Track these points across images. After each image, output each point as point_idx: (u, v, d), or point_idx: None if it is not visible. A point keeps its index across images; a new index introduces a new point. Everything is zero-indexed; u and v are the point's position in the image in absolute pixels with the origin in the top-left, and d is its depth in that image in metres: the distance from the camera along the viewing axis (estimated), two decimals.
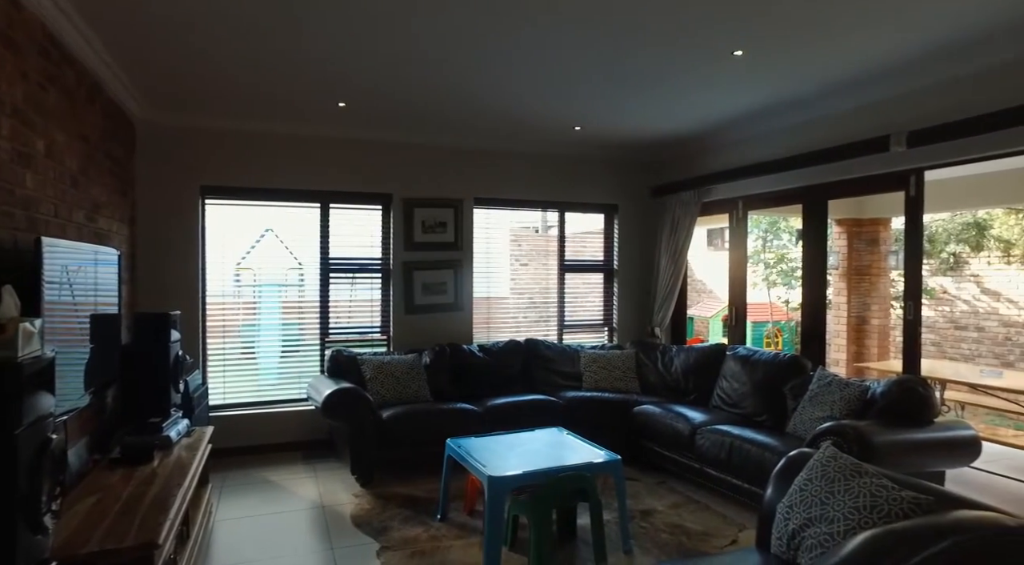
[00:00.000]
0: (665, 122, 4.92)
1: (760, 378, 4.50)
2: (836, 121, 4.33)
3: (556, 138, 5.47)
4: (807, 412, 3.89)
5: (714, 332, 11.28)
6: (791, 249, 9.79)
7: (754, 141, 5.03)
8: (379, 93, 4.15)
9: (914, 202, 4.00)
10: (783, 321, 10.28)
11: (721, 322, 11.24)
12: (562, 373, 5.44)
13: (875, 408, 3.57)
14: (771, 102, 4.31)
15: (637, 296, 6.29)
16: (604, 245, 6.35)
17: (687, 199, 5.66)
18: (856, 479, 2.27)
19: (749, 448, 3.72)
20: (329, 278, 5.38)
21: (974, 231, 8.35)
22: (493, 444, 3.63)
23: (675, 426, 4.34)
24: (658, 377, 5.33)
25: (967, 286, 8.61)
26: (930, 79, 3.68)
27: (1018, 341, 7.91)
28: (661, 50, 3.36)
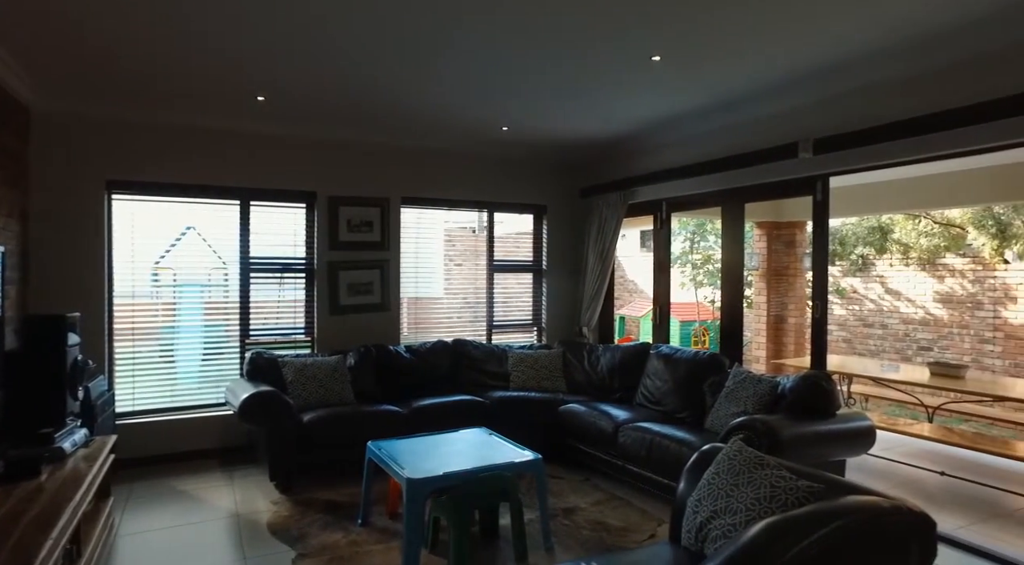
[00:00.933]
0: (591, 125, 5.00)
1: (681, 376, 4.64)
2: (751, 127, 4.51)
3: (485, 138, 5.46)
4: (723, 408, 4.03)
5: (645, 332, 11.55)
6: (717, 250, 10.15)
7: (677, 145, 5.18)
8: (300, 88, 4.03)
9: (821, 206, 4.21)
10: (710, 320, 10.65)
11: (651, 322, 11.54)
12: (490, 373, 5.44)
13: (784, 403, 3.73)
14: (691, 107, 4.44)
15: (566, 296, 6.36)
16: (533, 245, 6.40)
17: (614, 200, 5.77)
18: (759, 471, 2.36)
19: (668, 444, 3.82)
20: (250, 278, 5.18)
21: (878, 235, 8.90)
22: (415, 446, 3.58)
23: (598, 424, 4.41)
24: (585, 376, 5.41)
25: (873, 286, 9.16)
26: (835, 90, 3.89)
27: (915, 337, 8.48)
28: (581, 54, 3.40)
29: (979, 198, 6.39)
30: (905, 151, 3.59)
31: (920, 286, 8.57)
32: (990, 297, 7.70)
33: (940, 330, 8.28)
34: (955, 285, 8.20)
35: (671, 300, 11.27)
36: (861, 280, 9.30)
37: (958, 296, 8.13)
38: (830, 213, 7.98)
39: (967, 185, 5.93)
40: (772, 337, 7.83)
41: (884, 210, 7.77)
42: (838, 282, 9.50)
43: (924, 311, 8.49)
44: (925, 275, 8.49)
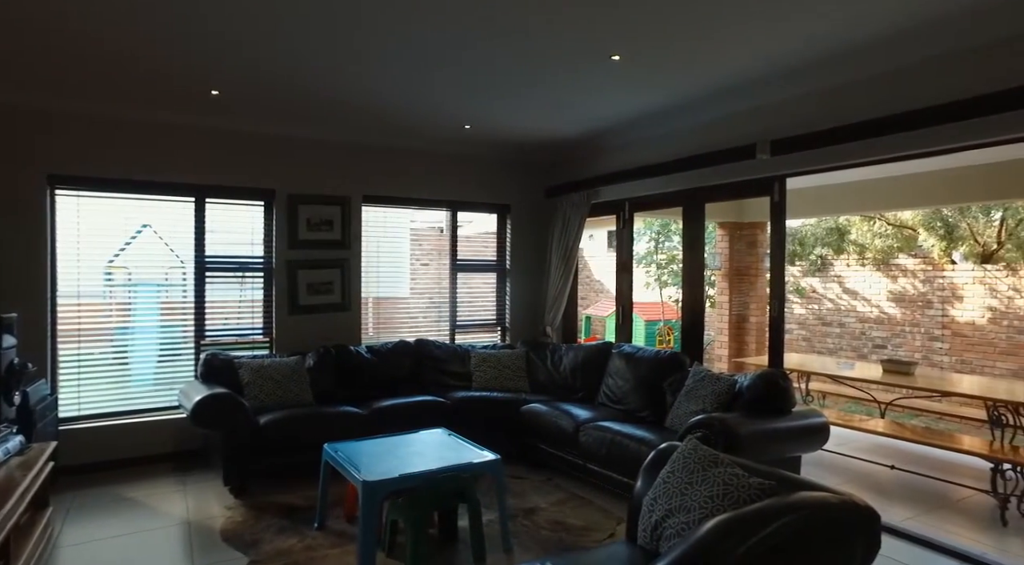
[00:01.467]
0: (554, 124, 4.99)
1: (643, 375, 4.66)
2: (711, 128, 4.56)
3: (447, 136, 5.41)
4: (683, 406, 4.06)
5: (610, 331, 11.63)
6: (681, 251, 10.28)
7: (639, 145, 5.21)
8: (255, 83, 3.92)
9: (778, 207, 4.28)
10: (674, 320, 10.77)
11: (615, 321, 11.63)
12: (452, 373, 5.39)
13: (742, 401, 3.78)
14: (652, 108, 4.46)
15: (530, 295, 6.35)
16: (497, 245, 6.37)
17: (577, 200, 5.78)
18: (712, 469, 2.37)
19: (627, 443, 3.83)
20: (205, 277, 5.03)
21: (836, 236, 9.11)
22: (372, 447, 3.52)
23: (560, 424, 4.41)
24: (547, 376, 5.40)
25: (832, 286, 9.38)
26: (792, 92, 3.95)
27: (871, 335, 8.71)
28: (541, 52, 3.39)
29: (929, 200, 6.59)
30: (860, 153, 3.66)
31: (875, 286, 8.80)
32: (939, 296, 7.95)
33: (894, 328, 8.51)
34: (907, 285, 8.44)
35: (636, 300, 11.39)
36: (820, 280, 9.51)
37: (910, 295, 8.37)
38: (790, 214, 8.16)
39: (918, 188, 6.10)
40: (734, 336, 7.96)
41: (841, 211, 7.96)
42: (798, 282, 9.70)
43: (879, 310, 8.73)
44: (880, 275, 8.72)
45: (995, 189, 5.56)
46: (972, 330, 7.60)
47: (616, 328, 5.77)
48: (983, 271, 7.61)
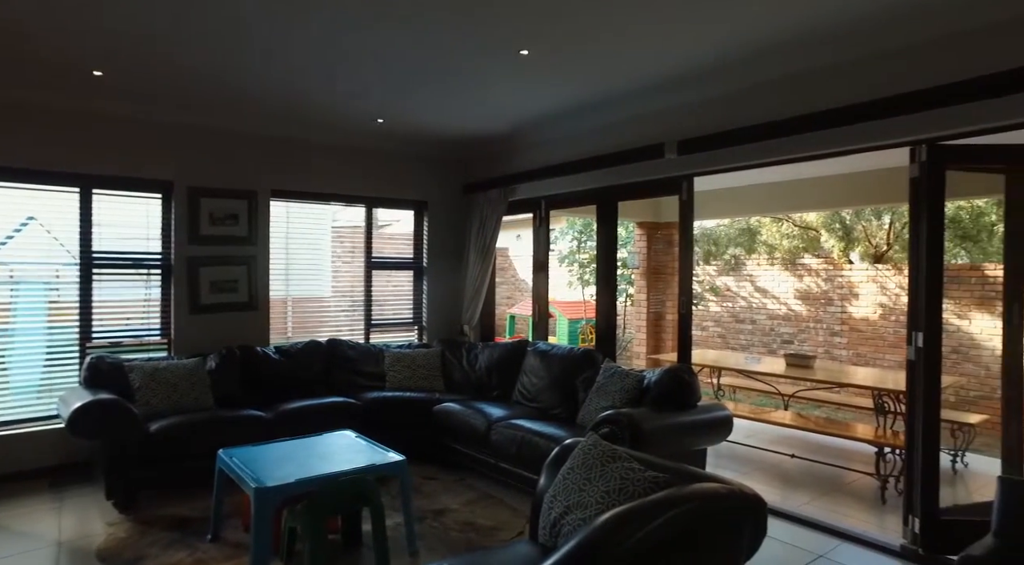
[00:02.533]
0: (469, 121, 4.93)
1: (556, 372, 4.67)
2: (622, 127, 4.62)
3: (360, 130, 5.25)
4: (594, 403, 4.08)
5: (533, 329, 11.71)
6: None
7: (554, 143, 5.22)
8: (144, 66, 3.66)
9: (686, 206, 4.38)
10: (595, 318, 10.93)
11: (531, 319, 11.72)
12: (366, 374, 5.23)
13: (650, 396, 3.84)
14: (565, 106, 4.48)
15: (448, 294, 6.26)
16: (414, 242, 6.25)
17: (495, 197, 5.75)
18: (610, 464, 2.37)
19: (537, 441, 3.81)
20: (92, 274, 4.66)
21: (747, 236, 9.51)
22: (270, 452, 3.34)
23: (472, 423, 4.35)
24: (463, 375, 5.34)
25: (745, 284, 9.78)
26: (698, 94, 4.04)
27: (779, 331, 9.14)
28: (450, 45, 3.32)
29: (828, 203, 6.97)
30: (759, 154, 3.80)
31: (783, 284, 9.23)
32: (838, 294, 8.43)
33: (800, 324, 8.96)
34: (812, 283, 8.90)
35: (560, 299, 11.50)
36: (734, 279, 9.89)
37: (814, 293, 8.83)
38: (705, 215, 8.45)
39: (819, 191, 6.44)
40: (652, 333, 8.15)
41: (752, 212, 8.30)
42: (714, 281, 10.06)
43: (787, 307, 9.16)
44: (787, 274, 9.15)
45: (883, 194, 5.95)
46: (866, 325, 8.10)
47: (533, 326, 5.77)
48: (875, 270, 8.12)
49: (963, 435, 5.08)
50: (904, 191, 3.35)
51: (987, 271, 7.20)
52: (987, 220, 7.88)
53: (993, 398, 6.96)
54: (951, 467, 5.05)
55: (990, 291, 7.12)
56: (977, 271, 7.27)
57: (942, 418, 3.38)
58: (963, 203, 7.85)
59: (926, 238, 3.27)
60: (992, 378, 6.99)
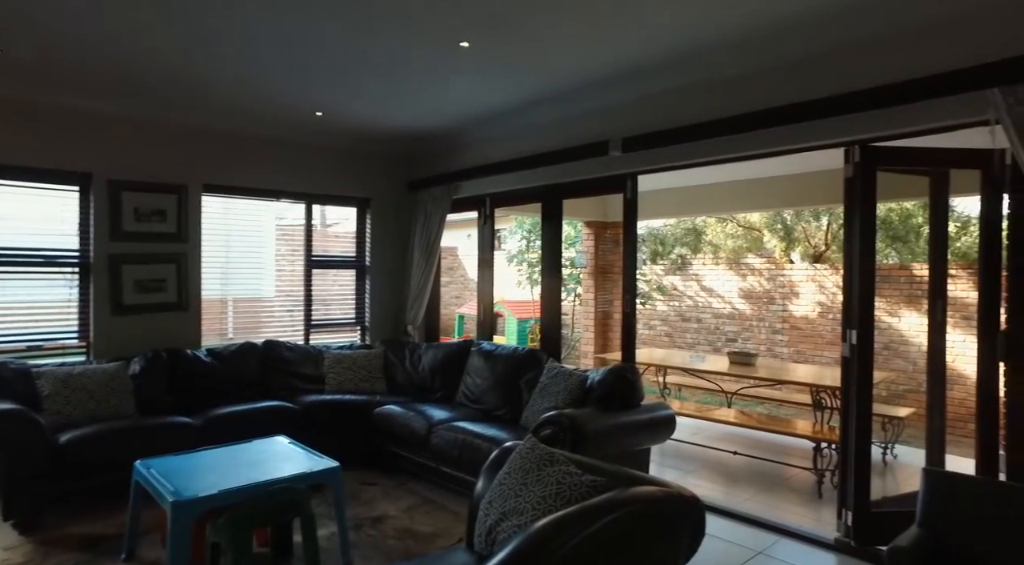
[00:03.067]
0: (412, 115, 4.79)
1: (500, 373, 4.59)
2: (567, 124, 4.57)
3: (299, 123, 5.03)
4: (537, 404, 4.02)
5: None
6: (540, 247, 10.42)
7: (500, 140, 5.14)
8: (58, 45, 3.38)
9: (630, 204, 4.37)
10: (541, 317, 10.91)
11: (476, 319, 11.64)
12: (304, 376, 5.04)
13: (593, 396, 3.80)
14: (509, 102, 4.40)
15: (392, 293, 6.10)
16: (356, 240, 6.06)
17: (439, 194, 5.62)
18: (547, 469, 2.30)
19: (479, 443, 3.72)
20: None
21: (693, 236, 9.66)
22: (193, 462, 3.14)
23: (412, 425, 4.23)
24: (406, 376, 5.20)
25: (691, 284, 9.93)
26: (642, 91, 4.02)
27: (724, 329, 9.32)
28: (387, 34, 3.19)
29: (771, 204, 7.13)
30: (701, 152, 3.80)
31: (728, 283, 9.41)
32: (780, 293, 8.65)
33: (743, 323, 9.15)
34: (755, 282, 9.11)
35: (509, 298, 11.43)
36: (681, 278, 10.04)
37: (757, 292, 9.03)
38: (652, 214, 8.52)
39: (762, 192, 6.57)
40: (599, 332, 8.18)
41: (698, 212, 8.43)
42: (660, 280, 10.18)
43: (731, 306, 9.34)
44: (732, 274, 9.34)
45: (821, 195, 6.11)
46: (806, 323, 8.33)
47: (478, 326, 5.68)
48: (814, 270, 8.37)
49: (893, 428, 5.25)
50: (840, 192, 3.41)
51: (915, 271, 7.50)
52: (915, 222, 8.22)
53: (919, 391, 7.25)
54: (882, 459, 5.21)
55: (917, 290, 7.42)
56: (906, 271, 7.57)
57: (873, 412, 3.45)
58: (893, 205, 8.17)
59: (859, 237, 3.33)
60: (919, 372, 7.28)
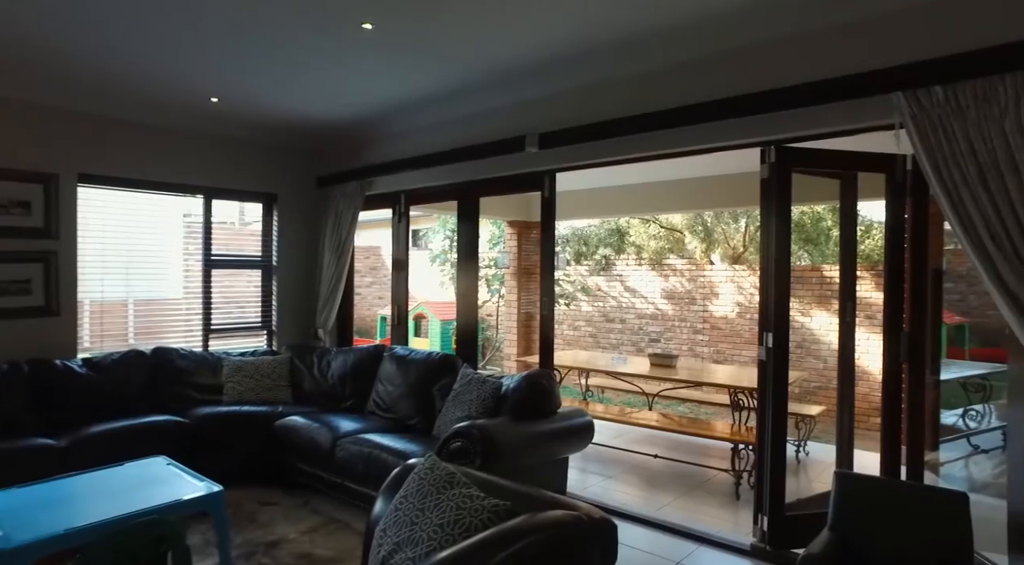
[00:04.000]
0: (318, 104, 4.45)
1: (413, 379, 4.33)
2: (483, 119, 4.37)
3: (194, 110, 4.58)
4: (450, 413, 3.79)
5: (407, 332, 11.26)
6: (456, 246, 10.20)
7: (414, 134, 4.88)
8: None
9: (548, 203, 4.21)
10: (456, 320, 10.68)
11: (412, 321, 11.29)
12: (201, 386, 4.60)
13: (507, 404, 3.60)
14: (421, 92, 4.15)
15: (301, 295, 5.71)
16: (263, 239, 5.64)
17: (351, 191, 5.30)
18: (447, 491, 2.08)
19: (386, 457, 3.45)
20: None
21: (617, 237, 9.69)
22: (45, 494, 2.72)
23: (316, 438, 3.90)
24: (314, 384, 4.85)
25: (615, 284, 9.96)
26: (559, 85, 3.86)
27: (647, 330, 9.39)
28: (281, 11, 2.88)
29: (692, 205, 7.19)
30: (619, 150, 3.68)
31: (651, 284, 9.49)
32: (701, 293, 8.79)
33: (666, 323, 9.25)
34: (677, 283, 9.22)
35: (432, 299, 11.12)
36: (605, 279, 10.06)
37: (679, 293, 9.15)
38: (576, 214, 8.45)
39: (684, 193, 6.59)
40: (523, 334, 8.03)
41: (621, 213, 8.43)
42: (585, 280, 10.17)
43: (654, 306, 9.43)
44: (655, 274, 9.43)
45: (740, 197, 6.18)
46: (725, 323, 8.49)
47: (392, 329, 5.39)
48: (733, 271, 8.55)
49: (805, 426, 5.35)
50: (758, 194, 3.36)
51: (825, 272, 7.77)
52: (824, 225, 8.54)
53: (829, 388, 7.52)
54: (795, 457, 5.30)
55: (827, 290, 7.69)
56: (817, 272, 7.84)
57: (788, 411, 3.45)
58: (806, 208, 8.46)
59: (775, 238, 3.29)
60: (829, 370, 7.55)
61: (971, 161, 2.43)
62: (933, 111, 2.52)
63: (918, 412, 3.38)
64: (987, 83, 2.40)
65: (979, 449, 5.49)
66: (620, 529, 2.04)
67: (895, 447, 3.38)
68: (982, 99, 2.41)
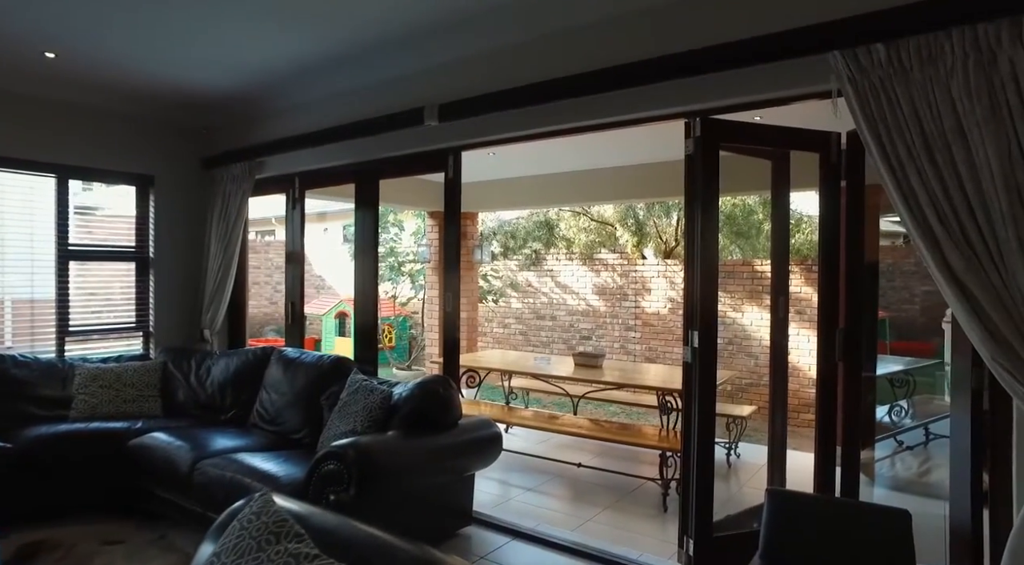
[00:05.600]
0: (187, 68, 3.81)
1: (301, 386, 3.78)
2: (383, 89, 3.85)
3: (26, 67, 3.80)
4: (335, 427, 3.25)
5: (328, 330, 10.56)
6: (399, 242, 9.64)
7: (305, 109, 4.31)
8: None
9: (452, 185, 3.73)
10: (394, 316, 10.11)
11: (335, 319, 10.61)
12: (43, 400, 3.88)
13: (398, 416, 3.09)
14: (305, 59, 3.61)
15: (186, 292, 5.01)
16: (137, 226, 4.91)
17: (238, 173, 4.66)
18: (269, 548, 1.56)
19: (249, 483, 2.88)
20: None
21: (545, 230, 9.31)
22: None
23: (173, 459, 3.28)
24: (190, 393, 4.20)
25: (546, 280, 9.58)
26: (459, 51, 3.39)
27: (579, 327, 9.05)
28: None
29: (622, 195, 6.84)
30: (531, 122, 3.22)
31: (582, 279, 9.16)
32: (632, 289, 8.51)
33: (597, 320, 8.93)
34: (608, 278, 8.92)
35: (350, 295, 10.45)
36: (536, 274, 9.67)
37: (610, 288, 8.84)
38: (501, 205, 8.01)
39: (614, 183, 6.23)
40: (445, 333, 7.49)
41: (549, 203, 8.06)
42: (514, 276, 9.74)
43: (585, 303, 9.10)
44: (586, 269, 9.10)
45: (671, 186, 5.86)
46: (657, 320, 8.24)
47: (286, 329, 4.78)
48: (665, 266, 8.30)
49: (736, 427, 5.08)
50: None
51: (757, 266, 7.60)
52: (756, 218, 8.40)
53: (760, 385, 7.35)
54: (726, 460, 5.02)
55: (758, 285, 7.53)
56: (749, 266, 7.66)
57: (717, 413, 3.11)
58: (737, 201, 8.29)
59: (701, 225, 2.91)
60: (761, 367, 7.39)
61: (916, 131, 2.09)
62: (874, 73, 2.17)
63: (853, 412, 3.08)
64: (932, 40, 2.06)
65: (904, 446, 5.37)
66: (530, 557, 1.59)
67: (830, 449, 3.09)
68: (927, 59, 2.08)
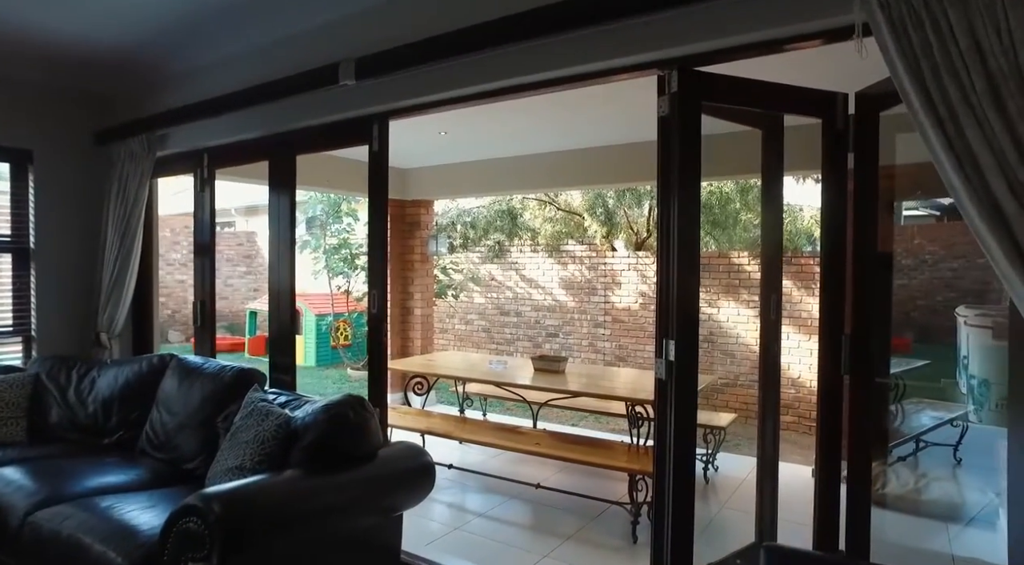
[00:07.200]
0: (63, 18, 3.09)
1: (197, 404, 3.11)
2: (295, 44, 3.18)
3: None
4: (224, 460, 2.58)
5: None
6: (352, 233, 8.93)
7: (210, 71, 3.62)
8: None
9: (378, 158, 3.08)
10: (348, 312, 9.41)
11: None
12: None
13: (300, 446, 2.44)
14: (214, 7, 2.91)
15: (79, 289, 4.27)
16: (13, 211, 4.15)
17: (137, 149, 3.93)
18: None
19: (90, 545, 2.20)
20: None
21: (508, 219, 8.70)
22: None
23: (2, 507, 2.57)
24: (66, 413, 3.48)
25: (511, 274, 8.98)
26: None
27: (545, 324, 8.47)
28: None
29: (590, 180, 6.23)
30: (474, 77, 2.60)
31: (548, 273, 8.59)
32: (602, 283, 7.95)
33: (565, 316, 8.37)
34: (576, 271, 8.35)
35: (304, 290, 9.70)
36: (499, 267, 9.06)
37: (578, 282, 8.28)
38: (460, 191, 7.33)
39: (581, 166, 5.61)
40: (399, 331, 6.86)
41: (511, 190, 7.44)
42: (476, 269, 9.12)
43: (552, 297, 8.53)
44: (552, 262, 8.52)
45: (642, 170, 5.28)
46: (628, 316, 7.69)
47: (195, 334, 4.07)
48: (636, 258, 7.75)
49: (715, 438, 4.56)
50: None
51: (733, 259, 7.10)
52: (733, 207, 7.89)
53: (738, 387, 6.86)
54: (703, 475, 4.50)
55: (735, 279, 7.02)
56: (725, 259, 7.15)
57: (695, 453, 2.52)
58: (713, 188, 7.76)
59: (678, 207, 2.30)
60: (738, 365, 6.90)
61: (977, 70, 1.51)
62: None
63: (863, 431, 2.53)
64: None
65: (896, 458, 4.92)
66: None
67: (834, 468, 2.55)
68: None
